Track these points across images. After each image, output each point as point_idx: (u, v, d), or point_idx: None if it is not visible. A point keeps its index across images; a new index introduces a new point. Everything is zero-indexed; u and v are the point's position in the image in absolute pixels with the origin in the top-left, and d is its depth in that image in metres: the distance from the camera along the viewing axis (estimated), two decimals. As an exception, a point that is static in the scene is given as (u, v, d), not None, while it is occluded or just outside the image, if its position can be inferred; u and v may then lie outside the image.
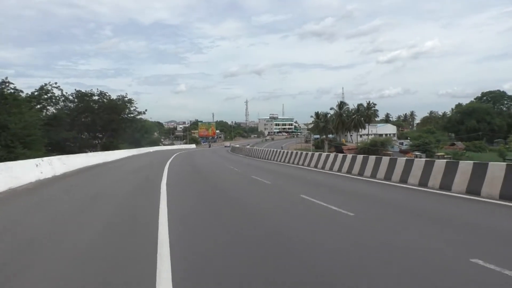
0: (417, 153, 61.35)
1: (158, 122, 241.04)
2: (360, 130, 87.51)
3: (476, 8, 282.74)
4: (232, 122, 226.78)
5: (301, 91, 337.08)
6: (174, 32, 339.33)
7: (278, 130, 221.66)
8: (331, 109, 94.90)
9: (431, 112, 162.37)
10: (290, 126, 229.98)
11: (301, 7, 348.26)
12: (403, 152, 58.88)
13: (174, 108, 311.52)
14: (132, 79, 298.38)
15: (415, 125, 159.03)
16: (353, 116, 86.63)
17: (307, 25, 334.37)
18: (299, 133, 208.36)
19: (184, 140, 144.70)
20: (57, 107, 42.32)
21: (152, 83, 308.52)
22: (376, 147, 65.74)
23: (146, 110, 49.37)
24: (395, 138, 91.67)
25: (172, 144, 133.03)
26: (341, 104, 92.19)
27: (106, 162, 29.46)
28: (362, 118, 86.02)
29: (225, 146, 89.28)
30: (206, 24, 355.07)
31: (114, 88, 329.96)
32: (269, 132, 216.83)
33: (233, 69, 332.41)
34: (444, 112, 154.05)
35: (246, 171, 19.53)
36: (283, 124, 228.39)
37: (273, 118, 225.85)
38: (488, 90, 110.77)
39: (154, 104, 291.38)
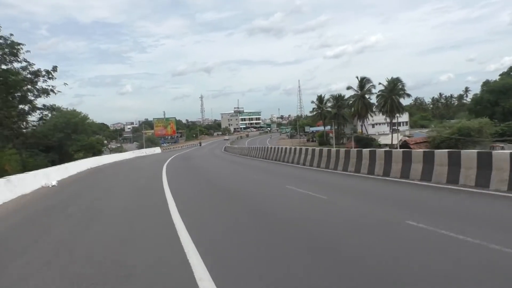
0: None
1: (103, 124, 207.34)
2: (397, 115, 61.87)
3: (411, 4, 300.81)
4: (186, 120, 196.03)
5: (251, 88, 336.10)
6: (116, 31, 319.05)
7: (244, 126, 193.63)
8: (348, 88, 68.44)
9: (416, 99, 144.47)
10: (258, 121, 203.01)
11: (246, 3, 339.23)
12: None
13: (121, 110, 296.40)
14: (73, 81, 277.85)
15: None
16: (386, 97, 60.43)
17: (256, 21, 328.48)
18: (268, 129, 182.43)
19: (136, 143, 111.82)
20: None
21: (95, 85, 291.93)
22: (471, 136, 40.15)
23: (64, 85, 17.60)
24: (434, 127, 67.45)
25: (121, 148, 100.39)
26: (363, 82, 66.04)
27: None
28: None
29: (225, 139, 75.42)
30: (149, 22, 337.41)
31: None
32: (235, 128, 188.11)
33: (180, 68, 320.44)
34: (433, 97, 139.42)
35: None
36: (249, 118, 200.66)
37: (238, 112, 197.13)
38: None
39: (98, 106, 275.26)
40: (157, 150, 58.06)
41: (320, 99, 79.78)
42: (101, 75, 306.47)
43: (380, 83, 66.00)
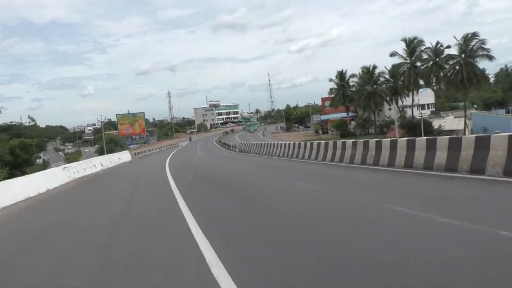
0: None
1: (61, 126, 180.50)
2: (469, 89, 43.26)
3: None
4: (152, 119, 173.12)
5: (217, 85, 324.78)
6: (74, 31, 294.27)
7: (222, 121, 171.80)
8: (392, 55, 49.04)
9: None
10: (236, 115, 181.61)
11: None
12: None
13: (83, 112, 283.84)
14: (31, 84, 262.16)
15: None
16: (460, 63, 41.54)
17: (219, 17, 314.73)
18: (249, 123, 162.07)
19: (96, 145, 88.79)
20: None
21: (54, 88, 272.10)
22: None
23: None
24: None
25: (78, 153, 77.67)
26: (412, 44, 47.25)
27: None
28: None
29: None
30: (108, 21, 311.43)
31: (10, 96, 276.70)
32: (211, 124, 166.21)
33: (144, 67, 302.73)
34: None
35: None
36: (226, 113, 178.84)
37: (214, 106, 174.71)
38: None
39: (59, 109, 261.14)
40: (124, 156, 35.14)
41: (341, 75, 60.23)
42: (60, 77, 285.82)
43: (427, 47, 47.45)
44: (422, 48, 47.47)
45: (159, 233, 5.82)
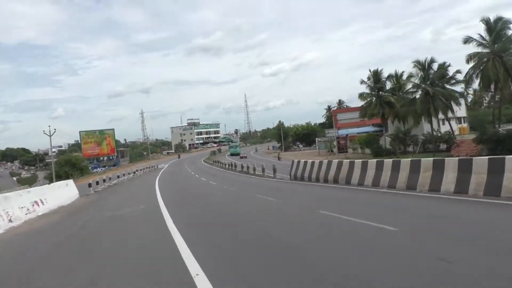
0: None
1: (23, 149, 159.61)
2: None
3: (341, 24, 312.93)
4: (124, 140, 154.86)
5: (191, 107, 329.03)
6: (44, 53, 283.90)
7: (202, 141, 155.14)
8: (467, 42, 35.07)
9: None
10: (217, 135, 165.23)
11: (184, 23, 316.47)
12: None
13: (54, 135, 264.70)
14: None
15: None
16: None
17: (195, 40, 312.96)
18: (230, 143, 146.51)
19: (46, 172, 70.82)
20: None
21: (23, 110, 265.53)
22: None
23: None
24: None
25: (34, 179, 61.10)
26: (497, 26, 33.91)
27: None
28: None
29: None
30: (80, 43, 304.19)
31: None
32: (190, 144, 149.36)
33: (117, 89, 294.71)
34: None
35: None
36: (207, 132, 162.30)
37: (193, 124, 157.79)
38: None
39: (28, 132, 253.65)
40: (54, 197, 13.89)
41: (376, 76, 46.04)
42: (28, 100, 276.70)
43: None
44: (509, 33, 34.06)
45: None
